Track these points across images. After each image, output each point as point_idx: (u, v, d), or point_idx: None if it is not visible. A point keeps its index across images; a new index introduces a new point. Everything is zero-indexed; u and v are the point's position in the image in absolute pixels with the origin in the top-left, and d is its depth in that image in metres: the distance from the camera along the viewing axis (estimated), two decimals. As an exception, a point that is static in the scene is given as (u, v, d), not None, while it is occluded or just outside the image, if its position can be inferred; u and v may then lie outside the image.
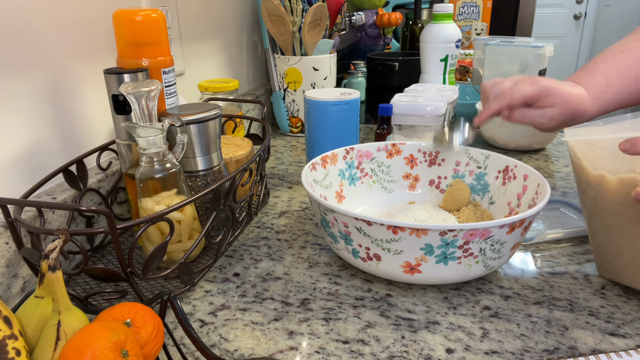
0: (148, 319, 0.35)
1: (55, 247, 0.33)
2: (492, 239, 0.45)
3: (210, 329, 0.46)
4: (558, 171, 0.83)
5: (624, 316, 0.46)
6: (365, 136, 1.04)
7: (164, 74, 0.55)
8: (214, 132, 0.57)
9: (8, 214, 0.44)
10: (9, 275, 0.47)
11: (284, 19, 0.95)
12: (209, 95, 0.79)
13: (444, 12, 1.01)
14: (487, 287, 0.51)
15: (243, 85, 1.11)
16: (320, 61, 0.99)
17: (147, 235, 0.51)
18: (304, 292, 0.51)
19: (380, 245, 0.47)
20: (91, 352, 0.29)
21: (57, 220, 0.52)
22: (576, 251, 0.58)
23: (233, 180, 0.53)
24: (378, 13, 1.39)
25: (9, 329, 0.31)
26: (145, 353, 0.34)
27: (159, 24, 0.52)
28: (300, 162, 0.90)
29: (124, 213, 0.64)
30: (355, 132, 0.76)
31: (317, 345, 0.43)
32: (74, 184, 0.55)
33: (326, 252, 0.59)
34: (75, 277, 0.53)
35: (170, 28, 0.79)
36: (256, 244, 0.61)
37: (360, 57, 1.45)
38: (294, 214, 0.69)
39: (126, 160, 0.56)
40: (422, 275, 0.48)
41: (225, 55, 1.01)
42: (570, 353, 0.42)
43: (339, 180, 0.65)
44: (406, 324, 0.46)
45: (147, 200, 0.51)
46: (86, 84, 0.61)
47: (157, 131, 0.48)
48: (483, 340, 0.44)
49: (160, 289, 0.51)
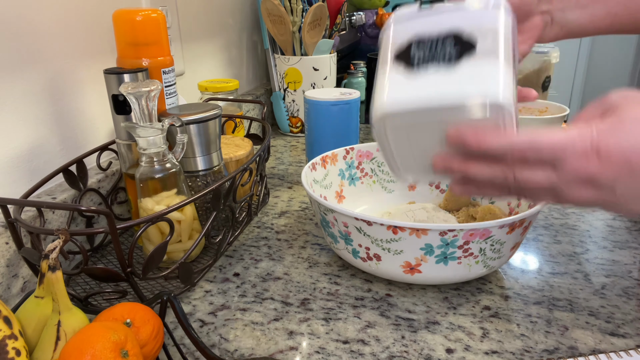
0: (148, 319, 0.35)
1: (55, 247, 0.33)
2: (492, 239, 0.45)
3: (210, 329, 0.46)
4: (558, 171, 0.83)
5: (624, 316, 0.46)
6: (365, 136, 1.04)
7: (164, 74, 0.55)
8: (214, 132, 0.57)
9: (8, 214, 0.44)
10: (9, 275, 0.47)
11: (284, 19, 0.95)
12: (209, 95, 0.79)
13: (444, 12, 1.01)
14: (487, 287, 0.51)
15: (243, 85, 1.11)
16: (320, 61, 0.99)
17: (147, 235, 0.51)
18: (304, 292, 0.51)
19: (380, 245, 0.47)
20: (91, 352, 0.29)
21: (57, 220, 0.52)
22: (576, 251, 0.58)
23: (233, 180, 0.53)
24: (378, 13, 1.39)
25: (9, 329, 0.31)
26: (145, 353, 0.34)
27: (159, 24, 0.52)
28: (300, 162, 0.90)
29: (124, 213, 0.64)
30: (355, 132, 0.76)
31: (317, 345, 0.43)
32: (74, 184, 0.55)
33: (326, 252, 0.59)
34: (75, 277, 0.53)
35: (170, 28, 0.79)
36: (256, 244, 0.61)
37: (360, 57, 1.45)
38: (294, 214, 0.69)
39: (126, 160, 0.56)
40: (422, 275, 0.48)
41: (225, 55, 1.01)
42: (570, 353, 0.42)
43: (339, 180, 0.65)
44: (406, 324, 0.46)
45: (147, 200, 0.51)
46: (86, 84, 0.61)
47: (157, 131, 0.48)
48: (483, 340, 0.44)
49: (160, 289, 0.51)
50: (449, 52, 0.33)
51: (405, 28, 0.36)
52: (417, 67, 0.34)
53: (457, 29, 0.34)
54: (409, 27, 0.36)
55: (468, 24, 0.34)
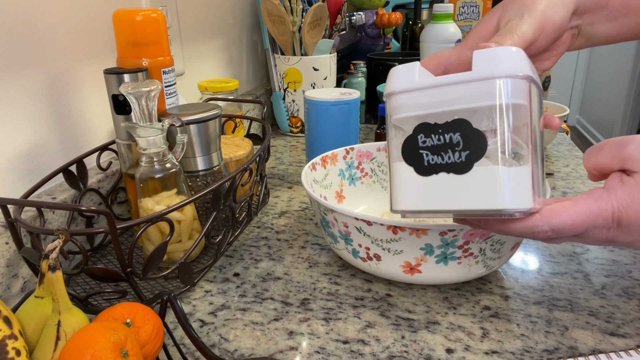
0: (148, 319, 0.35)
1: (55, 247, 0.33)
2: (492, 239, 0.45)
3: (210, 329, 0.46)
4: (558, 171, 0.83)
5: (624, 316, 0.46)
6: (365, 136, 1.04)
7: (164, 74, 0.55)
8: (214, 132, 0.57)
9: (8, 214, 0.44)
10: (9, 275, 0.47)
11: (284, 19, 0.95)
12: (209, 95, 0.79)
13: (444, 12, 1.01)
14: (487, 287, 0.51)
15: (243, 85, 1.11)
16: (320, 61, 0.99)
17: (147, 235, 0.51)
18: (304, 292, 0.51)
19: (380, 245, 0.47)
20: (91, 352, 0.29)
21: (57, 220, 0.52)
22: (576, 251, 0.58)
23: (233, 180, 0.53)
24: (378, 13, 1.39)
25: (9, 329, 0.31)
26: (145, 353, 0.34)
27: (159, 24, 0.52)
28: (300, 162, 0.90)
29: (124, 213, 0.64)
30: (355, 132, 0.76)
31: (317, 345, 0.43)
32: (74, 184, 0.55)
33: (326, 252, 0.59)
34: (75, 277, 0.53)
35: (170, 28, 0.79)
36: (256, 244, 0.61)
37: (360, 57, 1.45)
38: (294, 214, 0.69)
39: (126, 160, 0.56)
40: (422, 275, 0.48)
41: (225, 55, 1.01)
42: (570, 353, 0.42)
43: (339, 180, 0.65)
44: (406, 324, 0.46)
45: (147, 200, 0.51)
46: (86, 84, 0.61)
47: (157, 131, 0.48)
48: (483, 340, 0.44)
49: (160, 289, 0.51)
50: (459, 156, 0.33)
51: (409, 102, 0.35)
52: (428, 172, 0.35)
53: (465, 115, 0.33)
54: (412, 102, 0.35)
55: (476, 106, 0.33)
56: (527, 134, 0.33)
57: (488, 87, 0.32)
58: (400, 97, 0.36)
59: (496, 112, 0.32)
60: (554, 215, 0.33)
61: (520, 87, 0.32)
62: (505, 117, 0.32)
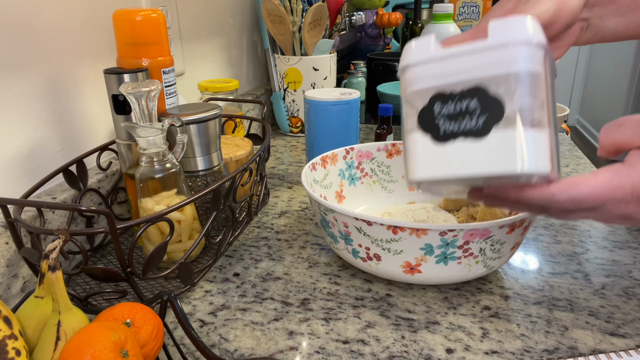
0: (148, 319, 0.35)
1: (55, 247, 0.33)
2: (492, 239, 0.45)
3: (210, 329, 0.46)
4: (558, 171, 0.83)
5: (624, 316, 0.46)
6: (365, 136, 1.04)
7: (164, 74, 0.55)
8: (214, 132, 0.57)
9: (8, 214, 0.44)
10: (9, 275, 0.47)
11: (284, 19, 0.95)
12: (209, 95, 0.79)
13: (444, 12, 1.01)
14: (487, 287, 0.51)
15: (243, 85, 1.11)
16: (320, 61, 0.99)
17: (147, 235, 0.51)
18: (304, 292, 0.51)
19: (380, 245, 0.47)
20: (91, 352, 0.29)
21: (57, 220, 0.52)
22: (576, 251, 0.58)
23: (233, 180, 0.53)
24: (378, 13, 1.39)
25: (9, 329, 0.31)
26: (145, 353, 0.34)
27: (159, 24, 0.52)
28: (300, 162, 0.90)
29: (124, 213, 0.64)
30: (355, 132, 0.76)
31: (317, 345, 0.43)
32: (74, 184, 0.55)
33: (326, 252, 0.59)
34: (75, 277, 0.53)
35: (170, 28, 0.79)
36: (256, 244, 0.61)
37: (360, 57, 1.45)
38: (294, 214, 0.69)
39: (126, 160, 0.56)
40: (422, 275, 0.48)
41: (225, 55, 1.01)
42: (570, 353, 0.42)
43: (339, 180, 0.65)
44: (406, 324, 0.46)
45: (147, 200, 0.51)
46: (86, 84, 0.61)
47: (157, 131, 0.48)
48: (483, 340, 0.44)
49: (160, 289, 0.51)
50: (476, 123, 0.33)
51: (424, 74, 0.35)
52: (444, 139, 0.34)
53: (481, 82, 0.33)
54: (428, 74, 0.35)
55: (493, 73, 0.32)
56: (544, 100, 0.33)
57: (504, 54, 0.32)
58: (415, 69, 0.35)
59: (513, 78, 0.32)
60: (574, 186, 0.33)
61: (536, 54, 0.32)
62: (522, 83, 0.32)
